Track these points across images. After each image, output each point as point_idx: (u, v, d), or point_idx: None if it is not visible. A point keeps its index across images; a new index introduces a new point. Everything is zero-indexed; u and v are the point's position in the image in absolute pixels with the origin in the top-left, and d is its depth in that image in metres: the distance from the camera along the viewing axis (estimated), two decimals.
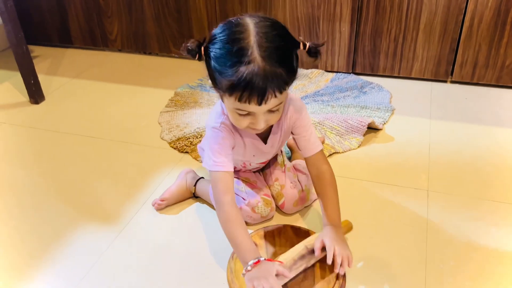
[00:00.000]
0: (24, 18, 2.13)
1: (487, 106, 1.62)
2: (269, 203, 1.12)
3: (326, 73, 1.86)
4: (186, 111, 1.64)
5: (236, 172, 1.17)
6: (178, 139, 1.47)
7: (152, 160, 1.39)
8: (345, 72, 1.86)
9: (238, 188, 1.12)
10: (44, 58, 2.14)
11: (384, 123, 1.53)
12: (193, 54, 0.89)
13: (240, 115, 0.90)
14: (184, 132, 1.50)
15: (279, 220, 1.14)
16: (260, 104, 0.84)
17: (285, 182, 1.16)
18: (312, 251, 0.96)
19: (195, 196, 1.22)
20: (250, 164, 1.14)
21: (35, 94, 1.74)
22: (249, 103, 0.85)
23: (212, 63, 0.87)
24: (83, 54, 2.17)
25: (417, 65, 1.78)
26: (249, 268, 0.88)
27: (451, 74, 1.77)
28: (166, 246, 1.08)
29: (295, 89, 1.76)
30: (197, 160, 1.37)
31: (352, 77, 1.83)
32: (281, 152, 1.24)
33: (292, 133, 1.06)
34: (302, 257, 0.96)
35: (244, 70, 0.81)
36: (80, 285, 0.98)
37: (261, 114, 0.89)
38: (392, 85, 1.77)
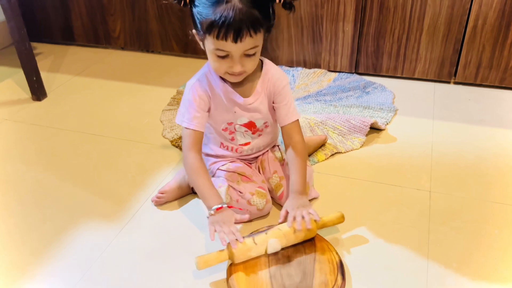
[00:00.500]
0: (27, 15, 2.14)
1: (490, 108, 1.61)
2: (263, 195, 1.12)
3: (328, 73, 1.86)
4: None
5: (231, 165, 1.18)
6: (180, 137, 1.47)
7: (154, 158, 1.39)
8: (348, 72, 1.86)
9: (234, 182, 1.13)
10: (46, 55, 2.14)
11: (387, 124, 1.52)
12: (179, 1, 0.98)
13: (219, 56, 0.98)
14: None
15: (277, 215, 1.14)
16: (235, 40, 0.93)
17: (283, 174, 1.16)
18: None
19: (193, 192, 1.22)
20: (235, 128, 1.14)
21: (38, 91, 1.74)
22: (225, 40, 0.93)
23: (195, 7, 0.96)
24: (86, 51, 2.17)
25: (420, 65, 1.77)
26: (212, 212, 1.00)
27: (455, 75, 1.76)
28: (168, 243, 1.08)
29: (298, 89, 1.75)
30: None
31: (355, 77, 1.82)
32: (279, 148, 1.24)
33: (273, 102, 1.12)
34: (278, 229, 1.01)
35: (222, 8, 0.91)
36: (81, 282, 0.98)
37: (237, 55, 0.97)
38: (395, 85, 1.77)
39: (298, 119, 1.13)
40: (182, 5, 0.98)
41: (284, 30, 1.85)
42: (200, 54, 2.02)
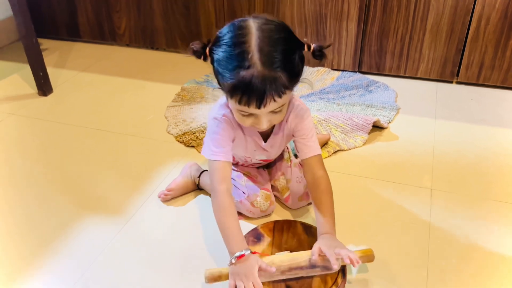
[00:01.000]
0: (34, 11, 2.15)
1: (492, 108, 1.62)
2: (268, 197, 1.13)
3: (332, 71, 1.87)
4: (192, 106, 1.65)
5: (238, 165, 1.19)
6: (184, 133, 1.49)
7: (158, 154, 1.40)
8: (351, 71, 1.87)
9: (239, 182, 1.14)
10: (52, 51, 2.16)
11: (389, 122, 1.53)
12: (198, 55, 0.91)
13: (243, 115, 0.91)
14: (190, 127, 1.52)
15: (282, 216, 1.16)
16: (259, 107, 0.86)
17: (291, 177, 1.17)
18: (312, 266, 0.92)
19: (199, 188, 1.23)
20: (251, 160, 1.15)
21: (44, 86, 1.76)
22: (248, 106, 0.86)
23: (215, 65, 0.88)
24: (91, 48, 2.18)
25: (423, 65, 1.78)
26: (233, 261, 0.89)
27: (457, 75, 1.77)
28: (171, 238, 1.10)
29: (301, 86, 1.77)
30: (202, 155, 1.38)
31: (358, 76, 1.83)
32: (287, 148, 1.25)
33: (293, 135, 1.07)
34: (300, 268, 0.92)
35: (243, 74, 0.82)
36: (85, 276, 1.00)
37: (263, 115, 0.90)
38: (398, 84, 1.78)
39: (320, 154, 1.06)
40: (202, 59, 0.91)
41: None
42: None
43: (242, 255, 0.89)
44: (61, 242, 1.08)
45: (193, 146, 1.43)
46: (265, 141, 1.07)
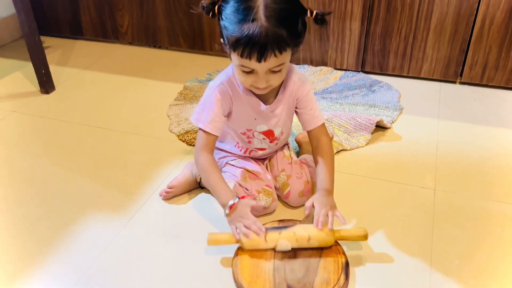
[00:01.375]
0: (36, 8, 2.15)
1: (496, 108, 1.62)
2: (270, 194, 1.13)
3: (335, 71, 1.86)
4: (194, 104, 1.65)
5: (240, 161, 1.19)
6: (187, 132, 1.48)
7: (161, 152, 1.40)
8: (354, 71, 1.87)
9: (241, 179, 1.14)
10: (55, 49, 2.16)
11: (392, 122, 1.53)
12: (207, 11, 0.97)
13: (244, 71, 0.96)
14: (193, 126, 1.51)
15: (283, 215, 1.15)
16: (259, 61, 0.91)
17: (291, 173, 1.17)
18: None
19: (200, 187, 1.23)
20: (253, 135, 1.14)
21: (46, 84, 1.76)
22: (249, 59, 0.91)
23: (223, 20, 0.94)
24: (94, 46, 2.18)
25: (426, 65, 1.78)
26: (227, 212, 1.00)
27: (461, 75, 1.77)
28: (174, 236, 1.09)
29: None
30: None
31: (361, 75, 1.83)
32: (288, 146, 1.25)
33: (296, 108, 1.12)
34: (293, 232, 1.00)
35: (247, 27, 0.88)
36: (87, 273, 1.00)
37: (262, 72, 0.95)
38: (401, 84, 1.77)
39: (323, 122, 1.12)
40: (210, 15, 0.97)
41: (300, 49, 1.85)
42: (207, 50, 2.03)
43: (233, 204, 1.00)
44: (63, 240, 1.08)
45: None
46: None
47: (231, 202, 1.00)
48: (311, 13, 0.96)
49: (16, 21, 2.18)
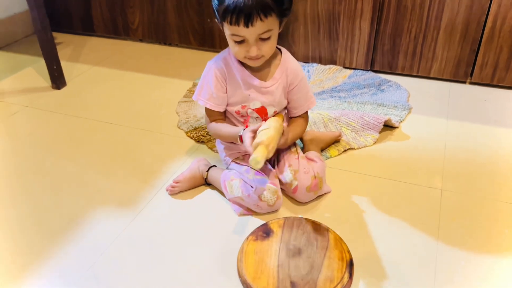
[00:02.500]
0: (49, 5, 2.18)
1: (506, 109, 1.61)
2: (275, 192, 1.13)
3: (344, 70, 1.86)
4: None
5: (246, 158, 1.20)
6: (195, 129, 1.49)
7: (169, 148, 1.41)
8: (363, 70, 1.86)
9: (247, 176, 1.14)
10: (66, 45, 2.18)
11: (401, 121, 1.53)
12: None
13: (236, 42, 1.05)
14: (201, 122, 1.52)
15: (292, 212, 1.16)
16: (247, 25, 0.99)
17: (298, 168, 1.17)
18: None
19: (206, 183, 1.24)
20: (247, 113, 1.18)
21: (57, 79, 1.78)
22: (238, 25, 1.00)
23: None
24: (105, 42, 2.20)
25: (436, 65, 1.77)
26: (239, 143, 1.11)
27: (471, 75, 1.76)
28: (180, 230, 1.11)
29: (313, 84, 1.76)
30: (213, 150, 1.39)
31: (370, 74, 1.82)
32: (295, 144, 1.25)
33: (288, 93, 1.18)
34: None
35: None
36: (94, 267, 1.01)
37: (252, 39, 1.03)
38: (410, 84, 1.77)
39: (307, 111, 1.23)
40: None
41: (301, 26, 1.86)
42: (217, 48, 2.04)
43: (240, 136, 1.09)
44: (72, 233, 1.10)
45: (203, 142, 1.44)
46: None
47: (239, 134, 1.10)
48: None
49: (29, 17, 2.21)
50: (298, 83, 1.18)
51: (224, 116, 1.22)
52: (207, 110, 1.19)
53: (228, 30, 1.04)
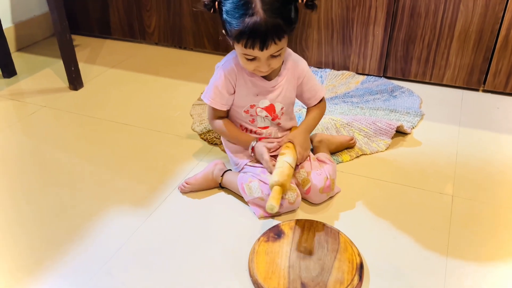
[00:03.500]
0: (68, 8, 2.22)
1: None
2: (294, 189, 1.15)
3: (356, 75, 1.88)
4: None
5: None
6: (209, 131, 1.52)
7: (183, 150, 1.44)
8: (376, 76, 1.87)
9: (265, 177, 1.16)
10: (84, 47, 2.22)
11: (413, 128, 1.53)
12: (209, 8, 1.07)
13: (247, 59, 1.08)
14: None
15: (305, 214, 1.17)
16: (262, 49, 1.03)
17: (311, 169, 1.19)
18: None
19: (221, 187, 1.26)
20: (256, 112, 1.20)
21: (75, 80, 1.82)
22: (253, 48, 1.03)
23: (224, 15, 1.05)
24: (121, 45, 2.24)
25: (449, 72, 1.77)
26: (251, 153, 1.21)
27: (484, 83, 1.76)
28: (193, 230, 1.13)
29: (325, 88, 1.78)
30: (226, 153, 1.41)
31: (383, 80, 1.84)
32: None
33: (298, 86, 1.23)
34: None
35: (248, 20, 1.00)
36: (108, 264, 1.04)
37: (264, 58, 1.06)
38: (422, 90, 1.78)
39: (324, 96, 1.28)
40: (212, 12, 1.07)
41: (314, 31, 1.88)
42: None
43: (252, 147, 1.20)
44: (87, 230, 1.12)
45: (216, 144, 1.46)
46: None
47: (251, 146, 1.20)
48: None
49: (48, 20, 2.27)
50: (306, 74, 1.22)
51: (227, 114, 1.26)
52: (210, 108, 1.23)
53: (240, 50, 1.07)
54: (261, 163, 1.20)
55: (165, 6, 2.09)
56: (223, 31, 1.09)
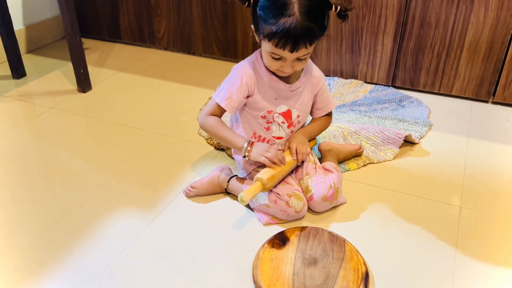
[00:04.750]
0: (79, 11, 2.24)
1: None
2: (300, 198, 1.14)
3: (365, 84, 1.87)
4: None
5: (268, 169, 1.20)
6: None
7: (189, 154, 1.44)
8: (384, 85, 1.87)
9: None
10: (93, 50, 2.24)
11: (421, 138, 1.52)
12: (244, 1, 1.05)
13: (273, 58, 1.07)
14: None
15: (310, 222, 1.16)
16: (292, 51, 1.02)
17: (315, 177, 1.19)
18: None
19: (226, 192, 1.25)
20: (273, 118, 1.18)
21: (83, 83, 1.82)
22: (283, 49, 1.02)
23: (258, 11, 1.03)
24: (131, 49, 2.26)
25: (458, 83, 1.76)
26: (249, 148, 1.12)
27: (493, 95, 1.75)
28: (198, 234, 1.12)
29: (333, 97, 1.77)
30: (232, 158, 1.41)
31: (391, 90, 1.83)
32: (312, 153, 1.26)
33: (315, 96, 1.23)
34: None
35: (284, 21, 0.98)
36: (111, 266, 1.03)
37: (290, 60, 1.06)
38: (431, 101, 1.77)
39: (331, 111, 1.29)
40: (246, 5, 1.05)
41: (324, 39, 1.87)
42: (239, 58, 2.07)
43: (252, 143, 1.13)
44: (92, 232, 1.12)
45: (222, 149, 1.46)
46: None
47: (250, 141, 1.13)
48: (336, 8, 1.04)
49: (59, 23, 2.29)
50: (323, 84, 1.23)
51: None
52: (214, 105, 1.15)
53: (269, 48, 1.05)
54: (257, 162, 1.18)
55: (175, 11, 2.10)
56: (253, 26, 1.08)
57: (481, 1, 1.60)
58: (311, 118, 1.31)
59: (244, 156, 1.13)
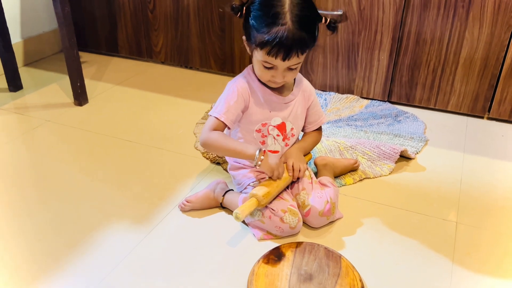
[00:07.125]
0: (77, 25, 2.25)
1: None
2: (296, 213, 1.13)
3: (361, 99, 1.88)
4: None
5: (262, 182, 1.20)
6: None
7: (185, 168, 1.43)
8: (380, 100, 1.88)
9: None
10: (91, 64, 2.24)
11: (417, 153, 1.52)
12: (236, 11, 1.09)
13: (265, 67, 1.08)
14: None
15: (306, 237, 1.15)
16: (284, 60, 1.04)
17: (311, 192, 1.18)
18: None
19: (222, 206, 1.25)
20: (268, 131, 1.19)
21: (80, 96, 1.82)
22: (275, 57, 1.04)
23: (251, 21, 1.06)
24: (128, 63, 2.26)
25: (454, 99, 1.77)
26: (262, 158, 1.10)
27: (489, 111, 1.76)
28: (192, 249, 1.11)
29: (329, 112, 1.78)
30: (228, 172, 1.40)
31: (387, 105, 1.84)
32: (308, 168, 1.26)
33: (307, 109, 1.25)
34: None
35: (277, 30, 1.01)
36: (106, 280, 1.02)
37: (282, 69, 1.08)
38: (427, 116, 1.77)
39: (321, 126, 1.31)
40: (238, 15, 1.09)
41: (320, 55, 1.89)
42: (236, 72, 2.08)
43: (264, 151, 1.11)
44: (86, 246, 1.11)
45: (219, 163, 1.45)
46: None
47: (262, 149, 1.11)
48: (325, 20, 1.09)
49: (57, 36, 2.30)
50: (314, 98, 1.25)
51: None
52: (214, 121, 1.13)
53: (261, 57, 1.07)
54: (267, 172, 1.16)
55: (172, 26, 2.11)
56: (245, 36, 1.11)
57: (476, 17, 1.62)
58: (302, 134, 1.31)
59: (255, 165, 1.12)
